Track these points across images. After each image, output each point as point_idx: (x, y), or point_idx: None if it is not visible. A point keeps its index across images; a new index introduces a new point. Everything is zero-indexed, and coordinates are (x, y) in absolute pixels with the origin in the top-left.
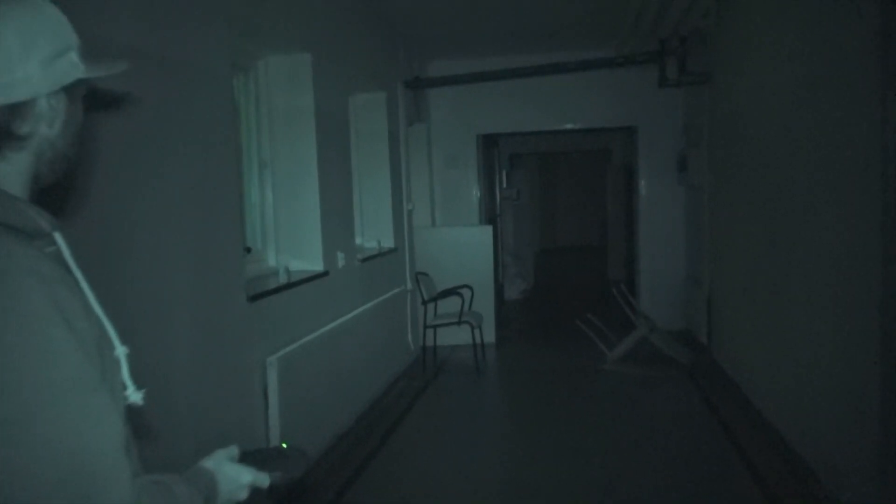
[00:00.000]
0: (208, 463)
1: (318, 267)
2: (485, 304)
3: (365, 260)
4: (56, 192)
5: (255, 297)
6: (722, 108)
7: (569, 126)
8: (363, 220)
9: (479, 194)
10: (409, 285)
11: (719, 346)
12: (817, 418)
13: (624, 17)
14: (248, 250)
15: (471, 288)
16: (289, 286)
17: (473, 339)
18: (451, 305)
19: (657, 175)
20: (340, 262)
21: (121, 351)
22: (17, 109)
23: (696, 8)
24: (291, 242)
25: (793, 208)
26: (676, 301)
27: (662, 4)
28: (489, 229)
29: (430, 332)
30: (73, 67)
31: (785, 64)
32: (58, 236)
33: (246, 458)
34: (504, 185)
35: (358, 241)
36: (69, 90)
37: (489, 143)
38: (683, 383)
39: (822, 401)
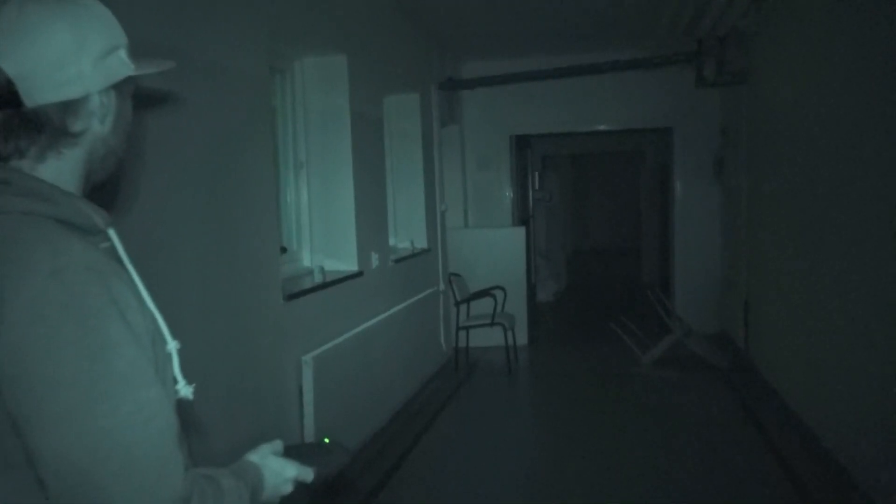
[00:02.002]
0: (253, 457)
1: (353, 267)
2: (517, 306)
3: (398, 260)
4: (106, 190)
5: (291, 297)
6: (760, 108)
7: (602, 127)
8: (397, 220)
9: (511, 195)
10: (442, 286)
11: (757, 349)
12: (858, 425)
13: (660, 17)
14: (284, 250)
15: (503, 289)
16: (324, 286)
17: (506, 340)
18: (483, 307)
19: (693, 176)
20: (374, 263)
21: (172, 346)
22: (70, 106)
23: (735, 8)
24: (326, 242)
25: (832, 210)
26: (712, 304)
27: (700, 4)
28: (522, 231)
29: (462, 333)
30: (123, 65)
31: (825, 64)
32: (112, 232)
33: (290, 452)
34: (537, 187)
35: (391, 241)
36: (118, 88)
37: (522, 144)
38: (720, 387)
39: (863, 406)
